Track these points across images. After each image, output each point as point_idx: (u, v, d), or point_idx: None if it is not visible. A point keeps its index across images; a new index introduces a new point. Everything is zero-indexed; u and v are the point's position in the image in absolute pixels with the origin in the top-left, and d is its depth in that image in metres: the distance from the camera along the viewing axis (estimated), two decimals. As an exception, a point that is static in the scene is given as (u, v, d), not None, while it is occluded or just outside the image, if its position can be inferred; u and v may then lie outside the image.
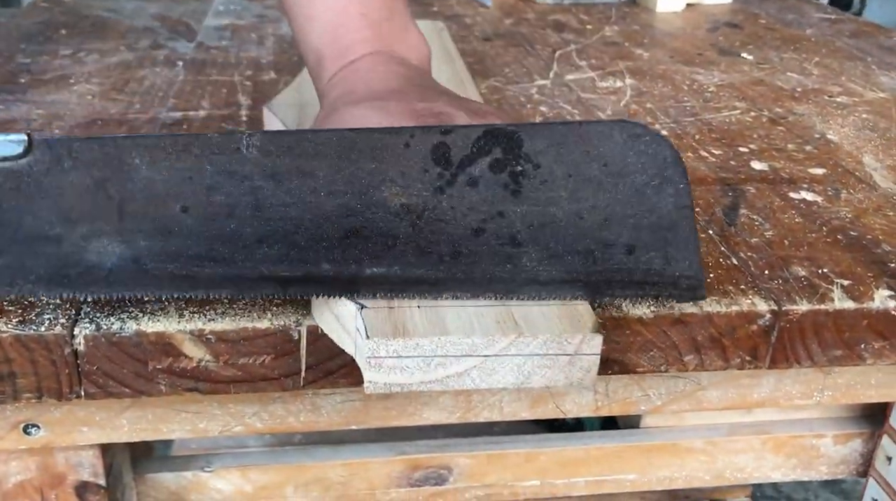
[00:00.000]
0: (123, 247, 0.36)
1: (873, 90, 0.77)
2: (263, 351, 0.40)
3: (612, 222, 0.37)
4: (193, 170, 0.36)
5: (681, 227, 0.37)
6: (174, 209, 0.36)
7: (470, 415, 0.50)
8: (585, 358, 0.37)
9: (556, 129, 0.37)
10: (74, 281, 0.37)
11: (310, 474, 0.58)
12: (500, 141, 0.36)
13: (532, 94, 0.72)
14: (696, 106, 0.71)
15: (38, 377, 0.38)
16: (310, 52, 0.49)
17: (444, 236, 0.37)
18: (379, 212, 0.37)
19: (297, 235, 0.36)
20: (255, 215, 0.36)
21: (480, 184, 0.37)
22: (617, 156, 0.37)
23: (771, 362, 0.43)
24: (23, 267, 0.36)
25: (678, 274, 0.38)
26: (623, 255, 0.38)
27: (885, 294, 0.44)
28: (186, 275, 0.37)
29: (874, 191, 0.56)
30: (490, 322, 0.37)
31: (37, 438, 0.45)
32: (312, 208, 0.36)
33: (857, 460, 0.63)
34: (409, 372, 0.36)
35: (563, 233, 0.37)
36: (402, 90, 0.44)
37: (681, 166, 0.37)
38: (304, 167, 0.36)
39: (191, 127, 0.62)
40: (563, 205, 0.37)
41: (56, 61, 0.75)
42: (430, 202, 0.37)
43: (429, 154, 0.36)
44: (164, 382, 0.39)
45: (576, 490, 0.62)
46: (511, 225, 0.37)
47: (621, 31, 0.95)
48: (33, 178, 0.35)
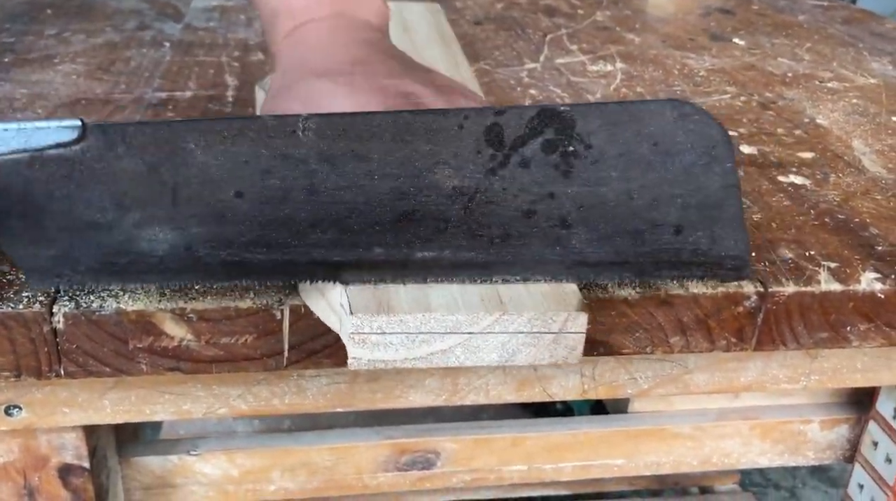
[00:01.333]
0: (176, 233, 0.35)
1: (864, 76, 0.77)
2: (245, 331, 0.39)
3: (660, 202, 0.37)
4: (249, 154, 0.35)
5: (728, 206, 0.37)
6: (228, 194, 0.35)
7: (456, 398, 0.50)
8: (570, 336, 0.37)
9: (609, 109, 0.36)
10: (124, 271, 0.36)
11: (296, 458, 0.57)
12: (553, 121, 0.36)
13: (522, 78, 0.72)
14: (687, 90, 0.71)
15: (17, 355, 0.38)
16: (265, 8, 0.48)
17: (495, 218, 0.37)
18: (432, 196, 0.36)
19: (350, 219, 0.36)
20: (309, 199, 0.36)
21: (532, 165, 0.36)
22: (667, 135, 0.36)
23: (757, 344, 0.43)
24: (72, 258, 0.35)
25: (724, 254, 0.38)
26: (671, 235, 0.37)
27: (872, 276, 0.44)
28: (239, 262, 0.36)
29: (863, 175, 0.56)
30: (475, 299, 0.37)
31: (18, 419, 0.45)
32: (366, 191, 0.36)
33: (843, 445, 0.64)
34: (394, 349, 0.36)
35: (612, 214, 0.37)
36: (365, 61, 0.42)
37: (729, 145, 0.36)
38: (359, 150, 0.36)
39: (176, 107, 0.61)
40: (614, 185, 0.36)
41: (41, 41, 0.74)
42: (482, 184, 0.36)
43: (482, 135, 0.36)
44: (145, 361, 0.39)
45: (563, 476, 0.62)
46: (561, 206, 0.37)
47: (613, 15, 0.94)
48: (86, 165, 0.34)
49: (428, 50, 0.70)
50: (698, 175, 0.37)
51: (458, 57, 0.69)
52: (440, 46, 0.71)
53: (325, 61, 0.42)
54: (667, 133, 0.36)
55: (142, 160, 0.35)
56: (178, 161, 0.35)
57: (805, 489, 1.31)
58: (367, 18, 0.47)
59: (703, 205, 0.37)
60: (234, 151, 0.35)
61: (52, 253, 0.35)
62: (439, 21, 0.79)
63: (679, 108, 0.36)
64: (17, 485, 0.48)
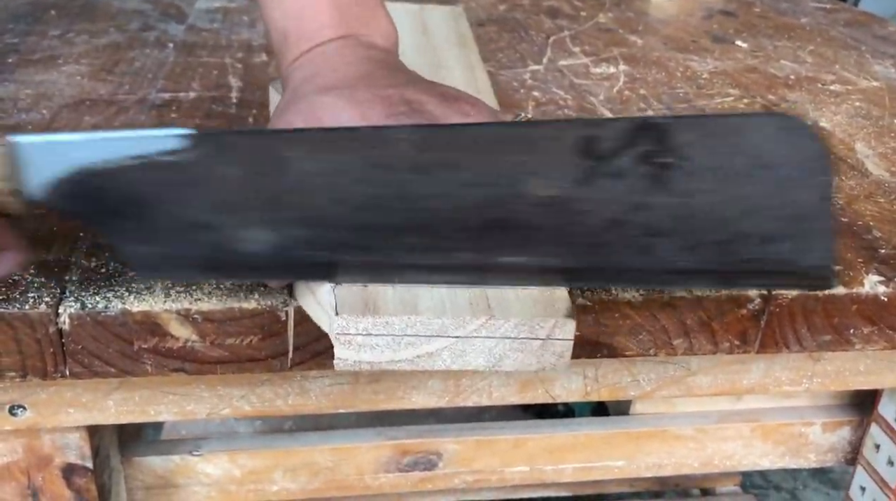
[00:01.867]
0: (273, 235, 0.37)
1: (867, 79, 0.77)
2: (250, 332, 0.39)
3: (751, 213, 0.37)
4: (346, 163, 0.36)
5: (819, 219, 0.37)
6: (325, 200, 0.37)
7: (458, 400, 0.50)
8: (558, 343, 0.37)
9: (708, 122, 0.37)
10: (224, 267, 0.37)
11: (298, 459, 0.58)
12: (651, 133, 0.36)
13: (525, 80, 0.72)
14: (690, 92, 0.71)
15: (23, 356, 0.38)
16: (275, 30, 0.49)
17: (584, 227, 0.37)
18: (521, 204, 0.37)
19: (440, 225, 0.37)
20: (400, 206, 0.37)
21: (626, 176, 0.36)
22: (766, 148, 0.36)
23: (760, 346, 0.43)
24: (176, 254, 0.37)
25: (809, 265, 0.38)
26: (757, 245, 0.37)
27: (875, 279, 0.44)
28: (330, 262, 0.37)
29: (866, 178, 0.56)
30: (462, 303, 0.37)
31: (23, 419, 0.45)
32: (456, 199, 0.37)
33: (845, 448, 0.64)
34: (379, 351, 0.36)
35: (701, 224, 0.37)
36: (369, 75, 0.43)
37: (827, 158, 0.37)
38: (452, 160, 0.36)
39: (180, 108, 0.61)
40: (706, 196, 0.37)
41: (45, 42, 0.74)
42: (572, 194, 0.37)
43: (577, 146, 0.36)
44: (150, 362, 0.39)
45: (564, 477, 0.62)
46: (651, 216, 0.37)
47: (615, 17, 0.94)
48: (193, 171, 0.36)
49: (445, 52, 0.70)
50: (793, 188, 0.37)
51: (475, 60, 0.69)
52: (458, 49, 0.71)
53: (330, 78, 0.43)
54: (766, 147, 0.36)
55: (245, 167, 0.36)
56: (278, 169, 0.36)
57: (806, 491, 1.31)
58: (374, 40, 0.48)
59: (794, 216, 0.37)
60: (332, 160, 0.36)
61: (158, 250, 0.37)
62: (460, 24, 0.79)
63: (782, 123, 0.36)
64: (20, 485, 0.48)
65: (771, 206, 0.37)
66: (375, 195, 0.37)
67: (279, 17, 0.48)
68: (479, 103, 0.43)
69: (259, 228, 0.37)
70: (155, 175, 0.36)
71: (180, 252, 0.37)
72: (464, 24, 0.79)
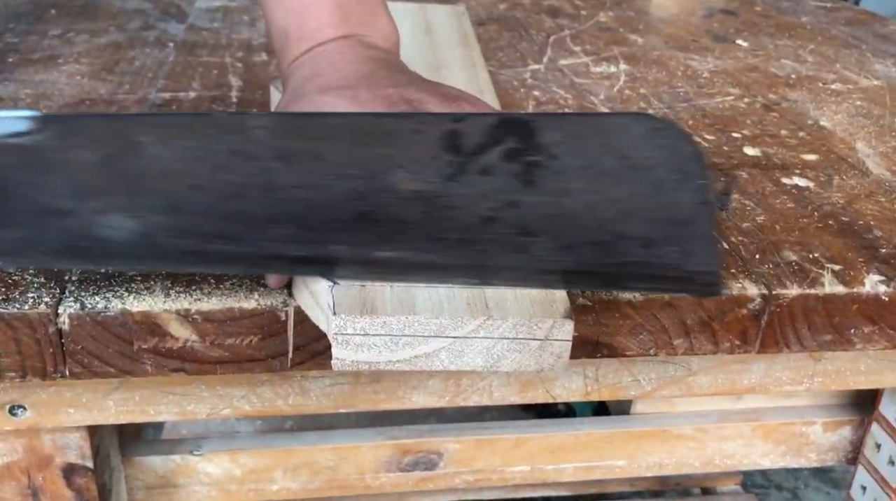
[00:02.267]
0: (134, 222, 0.36)
1: (867, 78, 0.77)
2: (250, 332, 0.39)
3: (627, 215, 0.37)
4: (203, 149, 0.36)
5: (698, 223, 0.37)
6: (185, 186, 0.36)
7: (459, 399, 0.50)
8: (556, 343, 0.36)
9: (573, 120, 0.36)
10: (85, 254, 0.36)
11: (299, 458, 0.58)
12: (515, 130, 0.36)
13: (525, 79, 0.72)
14: (690, 91, 0.71)
15: (22, 356, 0.38)
16: (276, 30, 0.49)
17: (455, 223, 0.37)
18: (390, 197, 0.36)
19: (309, 217, 0.36)
20: (265, 195, 0.36)
21: (493, 173, 0.36)
22: (635, 149, 0.36)
23: (761, 346, 0.43)
24: (35, 240, 0.36)
25: (694, 270, 0.38)
26: (638, 248, 0.37)
27: (876, 278, 0.44)
28: (197, 252, 0.36)
29: (866, 178, 0.56)
30: (460, 303, 0.37)
31: (23, 419, 0.45)
32: (323, 191, 0.36)
33: (846, 447, 0.64)
34: (377, 351, 0.36)
35: (576, 225, 0.37)
36: (370, 75, 0.43)
37: (701, 161, 0.36)
38: (314, 149, 0.36)
39: (180, 107, 0.61)
40: (578, 196, 0.36)
41: (45, 41, 0.74)
42: (440, 189, 0.36)
43: (440, 141, 0.36)
44: (150, 362, 0.39)
45: (565, 476, 0.62)
46: (523, 214, 0.37)
47: (616, 16, 0.94)
48: (43, 154, 0.35)
49: (447, 51, 0.70)
50: (669, 190, 0.36)
51: (477, 60, 0.69)
52: (460, 48, 0.71)
53: (331, 78, 0.43)
54: (635, 147, 0.36)
55: (97, 150, 0.35)
56: (134, 153, 0.35)
57: (807, 490, 1.31)
58: (376, 41, 0.48)
59: (672, 220, 0.37)
60: (189, 146, 0.35)
61: (17, 236, 0.36)
62: (462, 23, 0.79)
63: (648, 123, 0.36)
64: (21, 485, 0.48)
65: (647, 209, 0.36)
66: (238, 184, 0.36)
67: (280, 17, 0.48)
68: (479, 103, 0.43)
69: (117, 214, 0.36)
70: (3, 157, 0.35)
71: (38, 237, 0.36)
72: (466, 24, 0.79)
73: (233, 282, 0.40)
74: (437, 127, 0.36)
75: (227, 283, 0.40)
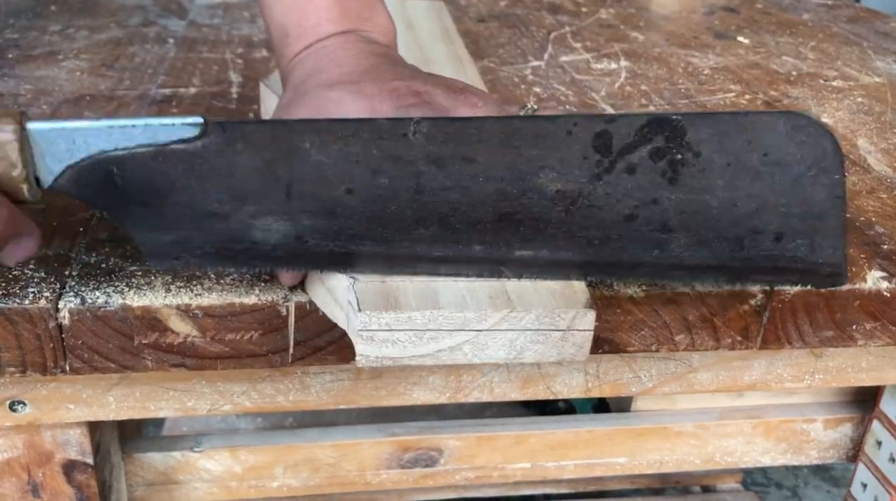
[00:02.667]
0: (288, 225, 0.37)
1: (869, 75, 0.77)
2: (251, 327, 0.39)
3: (764, 210, 0.37)
4: (361, 154, 0.36)
5: (831, 216, 0.38)
6: (340, 191, 0.37)
7: (460, 396, 0.50)
8: (578, 333, 0.37)
9: (721, 119, 0.37)
10: (236, 256, 0.38)
11: (299, 455, 0.57)
12: (664, 129, 0.36)
13: (526, 75, 0.72)
14: (691, 88, 0.71)
15: (23, 351, 0.38)
16: (274, 27, 0.49)
17: (596, 222, 0.37)
18: (534, 198, 0.37)
19: (453, 218, 0.37)
20: (415, 198, 0.37)
21: (638, 172, 0.37)
22: (778, 146, 0.36)
23: (762, 343, 0.43)
24: (190, 243, 0.37)
25: (821, 262, 0.39)
26: (770, 242, 0.38)
27: (878, 275, 0.44)
28: (344, 253, 0.37)
29: (868, 174, 0.56)
30: (483, 296, 0.37)
31: (23, 415, 0.45)
32: (469, 192, 0.37)
33: (846, 445, 0.64)
34: (402, 346, 0.36)
35: (714, 220, 0.37)
36: (374, 69, 0.43)
37: (839, 157, 0.37)
38: (466, 153, 0.37)
39: (181, 104, 0.61)
40: (718, 193, 0.37)
41: (45, 37, 0.74)
42: (585, 189, 0.37)
43: (590, 142, 0.36)
44: (151, 357, 0.39)
45: (566, 473, 0.62)
46: (664, 211, 0.37)
47: (617, 13, 0.94)
48: (206, 159, 0.36)
49: (432, 47, 0.70)
50: (805, 185, 0.37)
51: (463, 54, 0.69)
52: (444, 44, 0.71)
53: (334, 73, 0.43)
54: (778, 144, 0.36)
55: (259, 156, 0.36)
56: (293, 158, 0.36)
57: (807, 488, 1.31)
58: (375, 36, 0.48)
59: (806, 214, 0.37)
60: (347, 151, 0.36)
61: (171, 239, 0.37)
62: (443, 18, 0.79)
63: (793, 121, 0.36)
64: (21, 481, 0.48)
65: (783, 204, 0.37)
66: (390, 186, 0.37)
67: (279, 13, 0.48)
68: (485, 94, 0.43)
69: (272, 218, 0.37)
70: (167, 163, 0.36)
71: (193, 240, 0.37)
72: (447, 19, 0.78)
73: (233, 278, 0.40)
74: (589, 128, 0.36)
75: (227, 278, 0.40)
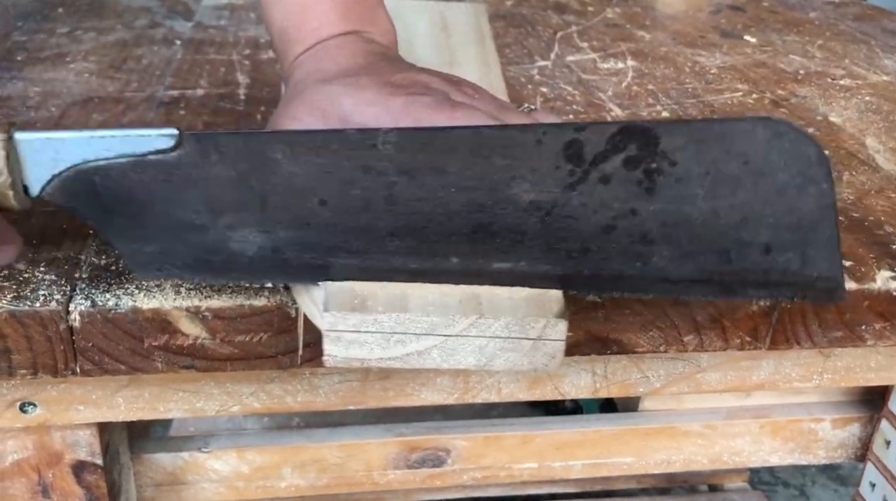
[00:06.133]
0: (264, 236, 0.37)
1: (877, 73, 0.77)
2: (260, 329, 0.39)
3: (749, 221, 0.36)
4: (332, 165, 0.36)
5: (822, 227, 0.36)
6: (313, 202, 0.37)
7: (468, 396, 0.50)
8: (549, 343, 0.36)
9: (695, 126, 0.36)
10: (216, 268, 0.38)
11: (307, 455, 0.58)
12: (636, 137, 0.35)
13: (533, 75, 0.72)
14: (698, 88, 0.71)
15: (34, 353, 0.38)
16: (276, 31, 0.49)
17: (573, 233, 0.37)
18: (508, 209, 0.36)
19: (428, 229, 0.37)
20: (388, 209, 0.37)
21: (613, 181, 0.36)
22: (758, 154, 0.35)
23: (771, 343, 0.43)
24: (171, 254, 0.37)
25: (816, 275, 0.37)
26: (759, 255, 0.37)
27: (887, 275, 0.43)
28: (321, 265, 0.37)
29: (877, 173, 0.56)
30: (453, 301, 0.36)
31: (33, 416, 0.45)
32: (443, 203, 0.36)
33: (855, 444, 0.63)
34: (369, 348, 0.36)
35: (697, 232, 0.36)
36: (371, 66, 0.43)
37: (825, 165, 0.35)
38: (437, 163, 0.36)
39: (188, 105, 0.61)
40: (699, 203, 0.36)
41: (53, 39, 0.74)
42: (559, 199, 0.36)
43: (561, 151, 0.36)
44: (161, 359, 0.39)
45: (573, 473, 0.62)
46: (643, 222, 0.36)
47: (623, 12, 0.94)
48: (182, 171, 0.36)
49: (462, 49, 0.70)
50: (792, 195, 0.36)
51: (491, 58, 0.69)
52: (476, 46, 0.71)
53: (331, 70, 0.44)
54: (758, 152, 0.35)
55: (233, 168, 0.36)
56: (267, 170, 0.36)
57: (815, 487, 1.31)
58: (374, 37, 0.48)
59: (795, 225, 0.36)
60: (318, 162, 0.36)
61: (153, 249, 0.37)
62: (480, 21, 0.79)
63: (772, 128, 0.35)
64: (31, 481, 0.48)
65: (770, 214, 0.36)
66: (362, 197, 0.36)
67: (280, 17, 0.48)
68: (480, 88, 0.43)
69: (249, 229, 0.37)
70: (144, 174, 0.36)
71: (173, 251, 0.37)
72: (484, 21, 0.79)
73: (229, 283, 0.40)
74: (558, 137, 0.36)
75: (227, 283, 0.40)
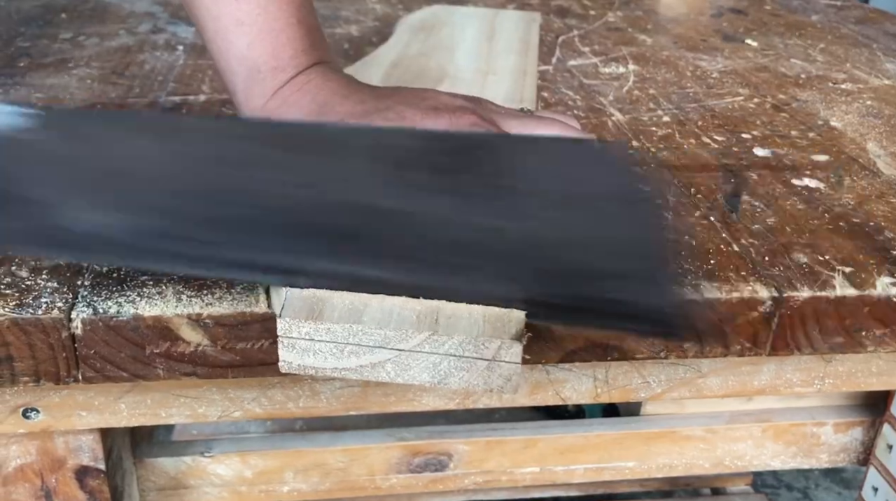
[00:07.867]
0: (100, 216, 0.36)
1: (878, 77, 0.76)
2: (261, 336, 0.39)
3: (576, 245, 0.35)
4: (186, 152, 0.36)
5: (653, 260, 0.35)
6: (163, 188, 0.36)
7: (469, 402, 0.50)
8: (505, 365, 0.35)
9: (530, 145, 0.35)
10: (69, 247, 0.37)
11: (309, 459, 0.58)
12: (471, 151, 0.35)
13: (534, 80, 0.72)
14: (700, 92, 0.71)
15: (36, 361, 0.38)
16: (238, 60, 0.46)
17: (396, 239, 0.36)
18: (336, 210, 0.36)
19: (261, 225, 0.36)
20: (238, 200, 0.36)
21: (441, 193, 0.35)
22: (579, 175, 0.34)
23: (771, 349, 0.43)
24: (24, 230, 0.37)
25: (649, 309, 0.35)
26: (583, 281, 0.35)
27: (887, 281, 0.43)
28: (177, 254, 0.37)
29: (878, 178, 0.56)
30: (410, 316, 0.36)
31: (36, 422, 0.45)
32: (279, 200, 0.36)
33: (857, 448, 0.63)
34: (323, 357, 0.36)
35: (517, 250, 0.35)
36: (378, 94, 0.44)
37: (654, 194, 0.35)
38: (278, 159, 0.36)
39: (191, 111, 0.61)
40: (525, 221, 0.35)
41: (56, 45, 0.75)
42: (384, 205, 0.36)
43: (392, 156, 0.36)
44: (162, 366, 0.39)
45: (575, 477, 0.62)
46: (466, 236, 0.35)
47: (625, 16, 0.94)
48: (35, 147, 0.36)
49: (503, 58, 0.70)
50: (617, 223, 0.34)
51: (530, 68, 0.69)
52: (516, 56, 0.71)
53: (346, 106, 0.43)
54: (579, 173, 0.34)
55: (79, 147, 0.36)
56: (111, 152, 0.36)
57: (818, 490, 1.31)
58: (333, 61, 0.48)
59: (623, 253, 0.35)
60: (170, 148, 0.36)
61: (9, 226, 0.37)
62: (530, 29, 0.79)
63: (592, 149, 0.34)
64: (34, 487, 0.48)
65: (598, 240, 0.35)
66: (215, 187, 0.36)
67: (242, 47, 0.46)
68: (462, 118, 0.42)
69: (91, 210, 0.36)
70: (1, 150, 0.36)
71: (26, 228, 0.36)
72: (535, 29, 0.79)
73: (244, 287, 0.40)
74: (392, 140, 0.36)
75: (238, 288, 0.40)
